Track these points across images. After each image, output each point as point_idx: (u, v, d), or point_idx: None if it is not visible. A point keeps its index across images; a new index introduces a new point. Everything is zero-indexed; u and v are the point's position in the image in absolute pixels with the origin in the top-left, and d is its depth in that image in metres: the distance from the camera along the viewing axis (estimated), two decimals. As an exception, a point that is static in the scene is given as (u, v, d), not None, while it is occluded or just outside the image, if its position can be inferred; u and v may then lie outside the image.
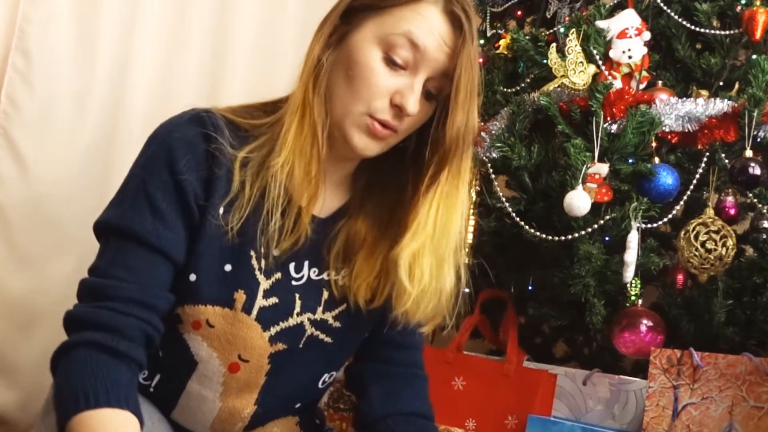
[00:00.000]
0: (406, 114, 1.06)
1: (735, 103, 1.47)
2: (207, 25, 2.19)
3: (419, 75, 1.06)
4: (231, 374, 1.14)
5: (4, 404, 1.91)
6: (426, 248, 1.10)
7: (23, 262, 1.93)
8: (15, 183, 1.92)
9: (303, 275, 1.14)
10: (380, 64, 1.05)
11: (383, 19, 1.06)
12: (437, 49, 1.06)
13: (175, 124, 1.09)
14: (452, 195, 1.11)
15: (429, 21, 1.05)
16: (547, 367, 1.58)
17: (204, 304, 1.09)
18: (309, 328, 1.16)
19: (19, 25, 1.92)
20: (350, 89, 1.06)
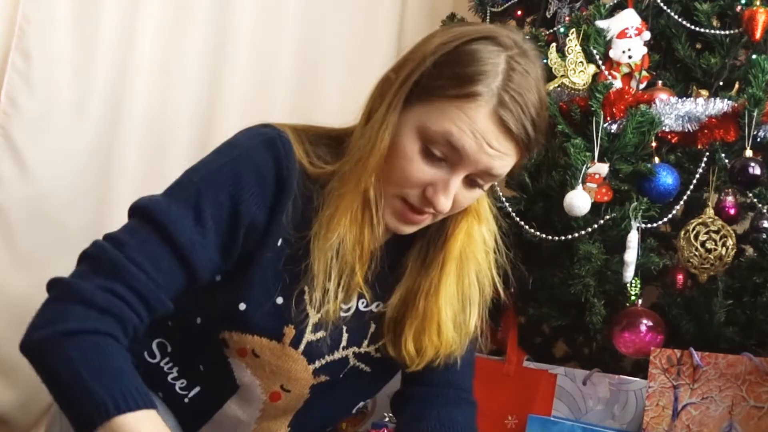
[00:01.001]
0: (436, 210, 1.02)
1: (735, 103, 1.47)
2: (207, 25, 2.19)
3: (457, 173, 1.00)
4: (271, 402, 1.14)
5: (4, 404, 1.91)
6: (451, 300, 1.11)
7: (23, 262, 1.93)
8: (15, 183, 1.92)
9: (351, 306, 1.11)
10: (417, 155, 1.00)
11: (429, 109, 0.99)
12: (478, 152, 0.98)
13: (248, 146, 1.04)
14: (472, 237, 1.12)
15: (473, 122, 0.97)
16: (547, 367, 1.58)
17: (252, 334, 1.06)
18: (352, 360, 1.15)
19: (19, 25, 1.92)
20: (387, 172, 1.02)
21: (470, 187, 1.04)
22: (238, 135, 1.07)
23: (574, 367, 1.58)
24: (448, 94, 0.98)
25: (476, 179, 1.03)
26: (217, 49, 2.20)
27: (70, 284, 0.97)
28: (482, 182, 1.04)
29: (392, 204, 1.04)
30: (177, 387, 1.15)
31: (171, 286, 1.00)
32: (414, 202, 1.03)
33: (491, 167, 1.01)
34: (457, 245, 1.11)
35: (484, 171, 1.01)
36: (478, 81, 0.97)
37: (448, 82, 0.98)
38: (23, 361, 1.46)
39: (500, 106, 0.97)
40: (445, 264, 1.10)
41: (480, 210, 1.13)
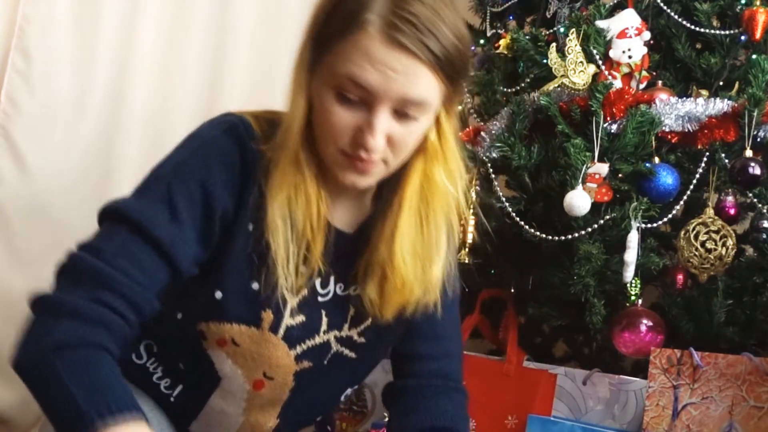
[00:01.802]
0: (368, 151, 1.00)
1: (735, 103, 1.47)
2: (207, 25, 2.19)
3: (377, 110, 0.98)
4: (255, 391, 1.13)
5: (4, 404, 1.91)
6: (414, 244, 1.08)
7: (23, 262, 1.93)
8: (15, 183, 1.92)
9: (329, 291, 1.11)
10: (334, 104, 0.99)
11: (331, 57, 0.99)
12: (385, 82, 0.96)
13: (211, 135, 1.05)
14: (433, 180, 1.08)
15: (369, 53, 0.95)
16: (547, 367, 1.58)
17: (230, 323, 1.06)
18: (335, 345, 1.13)
19: (19, 25, 1.92)
20: (319, 130, 1.03)
21: (403, 120, 1.00)
22: (200, 126, 1.08)
23: (574, 367, 1.58)
24: (341, 34, 0.97)
25: (403, 110, 0.99)
26: (217, 49, 2.20)
27: (54, 299, 0.96)
28: (412, 112, 1.00)
29: (336, 160, 1.03)
30: (162, 387, 1.15)
31: (156, 285, 1.00)
32: (349, 150, 1.01)
33: (407, 93, 0.97)
34: (412, 187, 1.07)
35: (403, 99, 0.98)
36: (362, 10, 0.96)
37: (338, 23, 0.98)
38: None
39: (390, 28, 0.95)
40: (402, 208, 1.08)
41: (444, 152, 1.08)
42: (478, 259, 1.70)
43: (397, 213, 1.08)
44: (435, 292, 1.11)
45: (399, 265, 1.07)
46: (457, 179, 1.10)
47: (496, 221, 1.64)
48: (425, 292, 1.10)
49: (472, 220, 1.65)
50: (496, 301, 1.72)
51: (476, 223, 1.65)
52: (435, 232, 1.09)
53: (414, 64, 0.96)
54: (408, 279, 1.07)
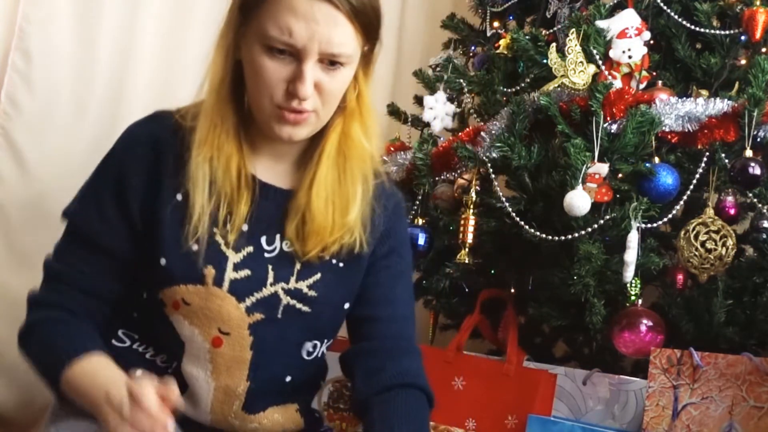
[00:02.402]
0: (300, 99, 1.09)
1: (735, 103, 1.47)
2: (207, 25, 2.18)
3: (306, 60, 1.08)
4: (215, 349, 1.18)
5: (4, 404, 1.91)
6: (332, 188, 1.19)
7: (23, 262, 1.93)
8: (15, 183, 1.92)
9: (275, 247, 1.19)
10: (263, 58, 1.09)
11: (258, 19, 1.09)
12: (307, 29, 1.07)
13: (129, 129, 1.21)
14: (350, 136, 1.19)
15: (293, 8, 1.06)
16: (547, 367, 1.58)
17: (177, 284, 1.15)
18: (284, 298, 1.19)
19: (19, 25, 1.92)
20: (252, 88, 1.12)
21: (329, 69, 1.11)
22: None
23: (574, 367, 1.58)
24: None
25: (328, 59, 1.09)
26: (217, 49, 2.19)
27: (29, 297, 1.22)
28: (340, 60, 1.10)
29: (271, 114, 1.12)
30: (158, 362, 1.22)
31: (103, 272, 1.18)
32: (282, 102, 1.10)
33: (330, 40, 1.08)
34: (330, 141, 1.18)
35: (327, 45, 1.08)
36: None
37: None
38: (23, 361, 1.46)
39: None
40: (320, 159, 1.18)
41: (361, 110, 1.20)
42: (478, 259, 1.70)
43: (316, 164, 1.18)
44: (353, 235, 1.20)
45: (315, 211, 1.17)
46: (372, 136, 1.22)
47: (496, 221, 1.65)
48: (343, 234, 1.19)
49: (472, 220, 1.65)
50: (496, 301, 1.72)
51: (476, 223, 1.65)
52: (351, 184, 1.20)
53: (333, 11, 1.07)
54: (324, 223, 1.17)
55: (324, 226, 1.17)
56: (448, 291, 1.77)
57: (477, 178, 1.67)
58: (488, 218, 1.66)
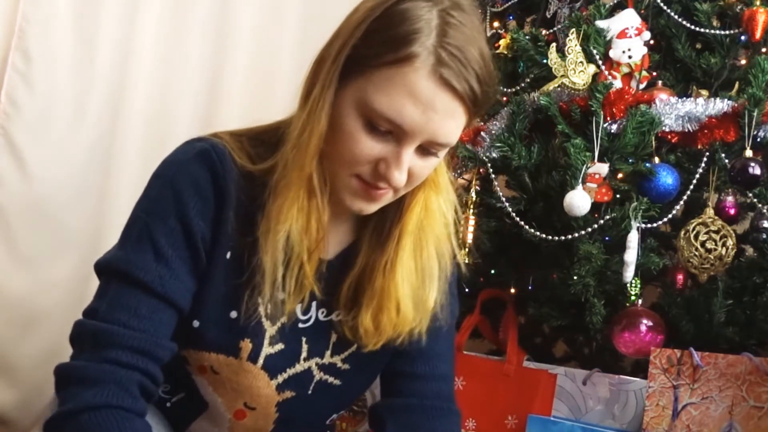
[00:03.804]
0: (391, 186, 0.97)
1: (735, 103, 1.47)
2: (207, 26, 2.19)
3: (407, 145, 0.95)
4: (237, 421, 1.12)
5: (4, 404, 1.91)
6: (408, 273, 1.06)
7: (23, 262, 1.93)
8: (15, 183, 1.92)
9: (311, 317, 1.09)
10: (362, 132, 0.94)
11: (367, 82, 0.93)
12: (425, 122, 0.93)
13: (181, 162, 1.02)
14: (430, 210, 1.07)
15: (414, 88, 0.91)
16: (547, 367, 1.58)
17: (208, 351, 1.05)
18: (317, 373, 1.11)
19: (19, 25, 1.92)
20: (335, 153, 0.97)
21: (425, 156, 0.98)
22: (171, 153, 1.05)
23: (574, 367, 1.58)
24: (383, 61, 0.92)
25: (429, 148, 0.97)
26: (217, 49, 2.20)
27: (63, 368, 0.97)
28: (436, 150, 0.98)
29: (348, 184, 0.99)
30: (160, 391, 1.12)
31: (161, 327, 0.99)
32: (368, 179, 0.97)
33: (440, 134, 0.95)
34: (414, 218, 1.06)
35: (435, 138, 0.95)
36: (411, 41, 0.91)
37: (381, 48, 0.92)
38: (23, 361, 1.47)
39: (439, 65, 0.91)
40: (402, 238, 1.05)
41: (438, 180, 1.07)
42: (478, 259, 1.70)
43: (397, 243, 1.06)
44: (426, 322, 1.09)
45: (398, 296, 1.05)
46: (449, 208, 1.10)
47: (496, 221, 1.64)
48: (418, 322, 1.08)
49: (473, 220, 1.65)
50: (496, 301, 1.72)
51: (476, 223, 1.65)
52: (428, 262, 1.08)
53: (454, 103, 0.94)
54: (404, 309, 1.06)
55: (405, 316, 1.05)
56: (448, 291, 1.77)
57: (477, 178, 1.67)
58: (488, 218, 1.66)
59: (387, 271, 1.05)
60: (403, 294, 1.05)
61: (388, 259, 1.06)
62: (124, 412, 0.94)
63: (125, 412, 0.94)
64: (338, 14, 1.05)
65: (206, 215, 1.01)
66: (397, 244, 1.06)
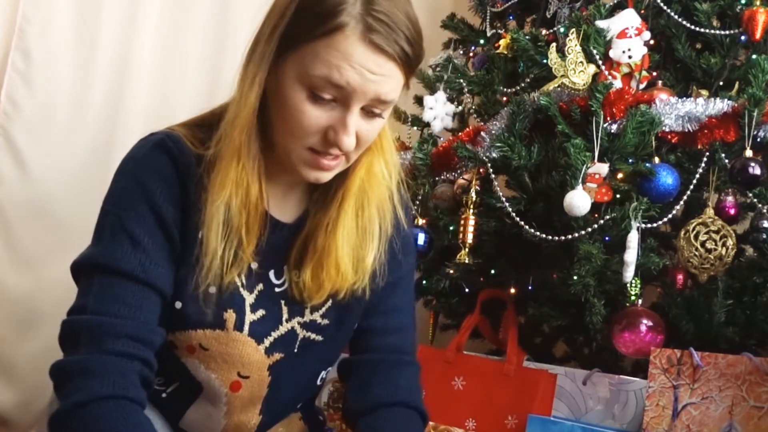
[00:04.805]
0: (341, 150, 1.02)
1: (735, 103, 1.47)
2: (207, 26, 2.19)
3: (351, 108, 1.00)
4: (233, 393, 1.14)
5: (4, 404, 1.92)
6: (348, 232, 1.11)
7: (23, 262, 1.93)
8: (15, 183, 1.92)
9: (284, 280, 1.13)
10: (306, 103, 1.00)
11: (303, 55, 0.99)
12: (363, 83, 0.98)
13: (141, 156, 1.07)
14: (373, 172, 1.12)
15: (348, 54, 0.97)
16: (547, 367, 1.58)
17: (194, 329, 1.09)
18: (300, 332, 1.15)
19: (19, 25, 1.92)
20: (284, 127, 1.02)
21: (369, 118, 1.03)
22: (129, 151, 1.10)
23: (574, 367, 1.58)
24: (315, 34, 0.97)
25: (372, 109, 1.02)
26: (216, 49, 2.20)
27: (62, 363, 1.00)
28: (379, 110, 1.03)
29: (301, 156, 1.04)
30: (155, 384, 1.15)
31: (149, 314, 1.03)
32: (319, 148, 1.02)
33: (380, 93, 1.00)
34: (357, 181, 1.11)
35: (376, 99, 1.01)
36: (339, 12, 0.97)
37: (311, 22, 0.98)
38: (23, 361, 1.46)
39: (369, 31, 0.97)
40: (345, 200, 1.11)
41: (381, 144, 1.13)
42: (478, 259, 1.70)
43: (339, 204, 1.11)
44: (365, 280, 1.14)
45: (337, 255, 1.10)
46: (392, 170, 1.15)
47: (496, 221, 1.64)
48: (358, 279, 1.13)
49: (472, 220, 1.65)
50: (496, 301, 1.72)
51: (476, 223, 1.65)
52: (369, 223, 1.13)
53: (389, 64, 0.99)
54: (343, 267, 1.10)
55: (344, 273, 1.11)
56: (448, 291, 1.77)
57: (477, 178, 1.67)
58: (488, 218, 1.66)
59: (329, 231, 1.10)
60: (342, 253, 1.10)
61: (330, 220, 1.11)
62: (129, 402, 0.97)
63: (130, 403, 0.97)
64: None
65: (173, 199, 1.05)
66: (340, 205, 1.11)
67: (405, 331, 1.24)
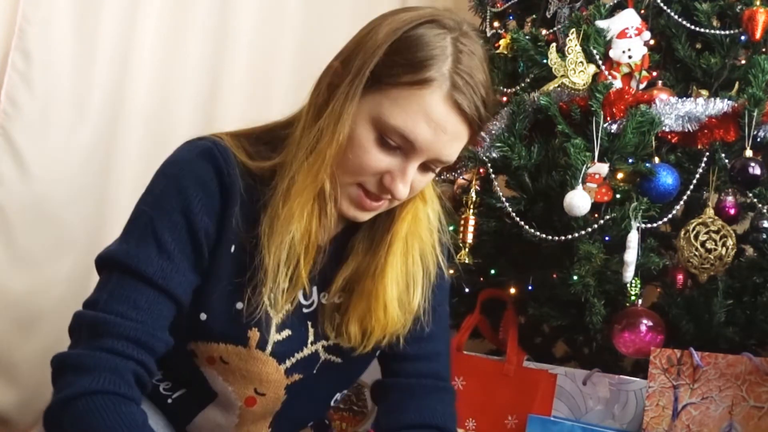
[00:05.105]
0: (394, 197, 1.03)
1: (735, 103, 1.47)
2: (207, 26, 2.19)
3: (413, 161, 1.01)
4: (247, 408, 1.14)
5: (4, 404, 1.91)
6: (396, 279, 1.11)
7: (23, 262, 1.93)
8: (15, 183, 1.92)
9: (312, 301, 1.12)
10: (373, 145, 1.00)
11: (383, 98, 0.99)
12: (434, 141, 1.00)
13: (186, 161, 1.04)
14: (418, 218, 1.13)
15: (428, 110, 0.98)
16: (547, 367, 1.58)
17: (217, 342, 1.08)
18: (323, 354, 1.14)
19: (19, 25, 1.92)
20: (343, 160, 1.01)
21: (425, 172, 1.05)
22: (175, 152, 1.07)
23: (574, 367, 1.58)
24: (402, 81, 0.98)
25: (431, 164, 1.04)
26: (216, 50, 2.20)
27: (61, 356, 0.99)
28: (435, 167, 1.05)
29: (349, 192, 1.04)
30: (161, 388, 1.16)
31: (159, 320, 1.01)
32: (372, 189, 1.03)
33: (444, 155, 1.02)
34: (404, 227, 1.11)
35: (438, 159, 1.02)
36: (429, 66, 0.97)
37: (400, 69, 0.98)
38: (23, 361, 1.46)
39: (453, 89, 0.98)
40: (392, 245, 1.11)
41: (425, 192, 1.14)
42: (478, 259, 1.70)
43: (388, 249, 1.10)
44: (407, 326, 1.13)
45: (386, 299, 1.09)
46: (436, 217, 1.16)
47: (496, 221, 1.64)
48: (403, 323, 1.12)
49: (473, 220, 1.65)
50: (496, 301, 1.72)
51: (476, 223, 1.65)
52: (414, 267, 1.13)
53: (462, 126, 1.01)
54: (391, 311, 1.10)
55: (391, 317, 1.10)
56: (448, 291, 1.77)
57: (477, 178, 1.67)
58: (488, 218, 1.66)
59: (377, 275, 1.10)
60: (390, 297, 1.10)
61: (378, 265, 1.10)
62: (119, 397, 0.95)
63: (121, 398, 0.95)
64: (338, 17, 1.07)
65: (211, 211, 1.03)
66: (388, 250, 1.10)
67: (441, 357, 1.23)
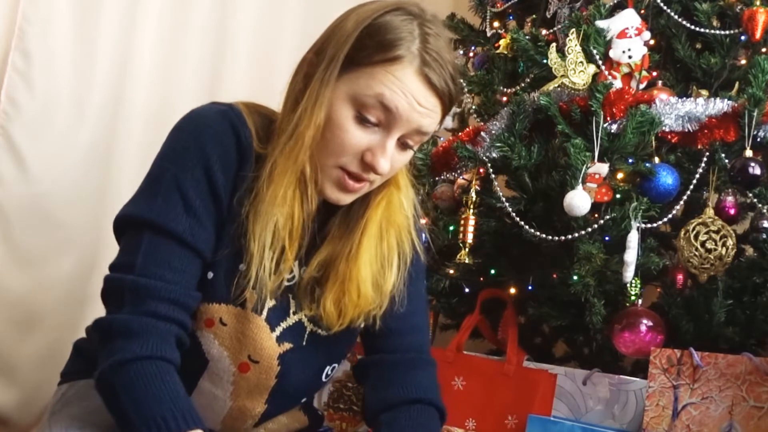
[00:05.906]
0: (376, 173, 1.08)
1: (735, 103, 1.47)
2: (207, 26, 2.19)
3: (392, 134, 1.07)
4: (241, 374, 1.16)
5: (4, 404, 1.91)
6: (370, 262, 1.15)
7: (23, 262, 1.93)
8: (15, 183, 1.92)
9: (294, 275, 1.16)
10: (352, 123, 1.06)
11: (358, 77, 1.05)
12: (410, 111, 1.05)
13: (204, 117, 1.09)
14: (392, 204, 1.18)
15: (402, 82, 1.04)
16: (547, 367, 1.58)
17: (218, 302, 1.11)
18: (308, 325, 1.18)
19: (19, 25, 1.92)
20: (323, 143, 1.07)
21: (402, 149, 1.10)
22: (192, 110, 1.12)
23: (574, 367, 1.58)
24: (374, 60, 1.04)
25: (407, 140, 1.09)
26: (216, 49, 2.20)
27: (110, 321, 1.03)
28: (413, 143, 1.10)
29: (331, 174, 1.09)
30: None
31: (191, 279, 1.07)
32: (353, 169, 1.08)
33: (422, 125, 1.07)
34: (379, 212, 1.16)
35: (416, 130, 1.08)
36: (399, 45, 1.04)
37: (372, 50, 1.05)
38: (23, 361, 1.46)
39: (424, 65, 1.05)
40: (367, 229, 1.15)
41: (399, 180, 1.19)
42: (478, 259, 1.70)
43: (362, 233, 1.15)
44: (384, 306, 1.17)
45: (359, 279, 1.14)
46: (410, 204, 1.21)
47: (496, 221, 1.64)
48: (377, 304, 1.17)
49: (472, 220, 1.65)
50: (496, 301, 1.72)
51: (476, 223, 1.65)
52: (388, 252, 1.17)
53: (435, 99, 1.07)
54: (364, 290, 1.14)
55: (365, 297, 1.14)
56: (448, 291, 1.77)
57: (477, 178, 1.67)
58: (488, 218, 1.66)
59: (351, 258, 1.14)
60: (364, 278, 1.14)
61: (352, 248, 1.15)
62: (165, 363, 1.02)
63: (167, 364, 1.02)
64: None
65: (227, 170, 1.07)
66: (362, 234, 1.15)
67: (421, 330, 1.27)
